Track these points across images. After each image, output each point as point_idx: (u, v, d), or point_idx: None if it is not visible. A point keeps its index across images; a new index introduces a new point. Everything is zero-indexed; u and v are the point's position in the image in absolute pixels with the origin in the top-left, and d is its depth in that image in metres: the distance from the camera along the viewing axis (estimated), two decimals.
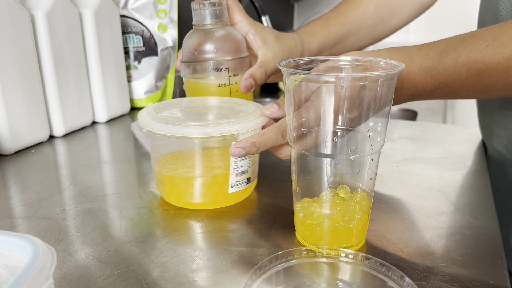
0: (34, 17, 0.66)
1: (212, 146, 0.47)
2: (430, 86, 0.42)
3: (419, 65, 0.42)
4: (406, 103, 1.22)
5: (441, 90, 0.43)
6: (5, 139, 0.63)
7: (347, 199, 0.39)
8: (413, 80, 0.43)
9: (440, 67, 0.41)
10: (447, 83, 0.42)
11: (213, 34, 0.56)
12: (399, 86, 0.44)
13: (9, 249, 0.25)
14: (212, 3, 0.56)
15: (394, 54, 0.44)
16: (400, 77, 0.43)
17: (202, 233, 0.43)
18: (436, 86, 0.42)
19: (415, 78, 0.42)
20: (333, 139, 0.37)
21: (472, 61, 0.40)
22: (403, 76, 0.43)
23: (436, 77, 0.42)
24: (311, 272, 0.34)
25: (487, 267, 0.37)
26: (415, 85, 0.43)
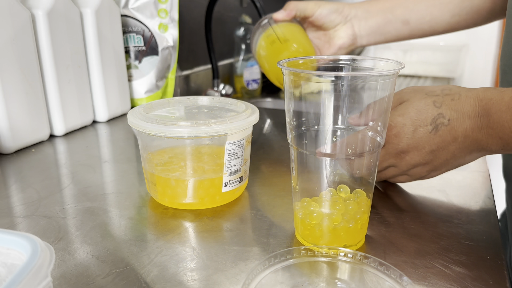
0: (34, 16, 0.66)
1: (205, 146, 0.47)
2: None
3: (507, 102, 0.40)
4: None
5: None
6: (6, 138, 0.63)
7: (346, 198, 0.39)
8: (500, 120, 0.41)
9: None
10: None
11: None
12: (486, 128, 0.42)
13: (8, 247, 0.25)
14: None
15: (487, 91, 0.43)
16: (487, 117, 0.42)
17: (201, 232, 0.43)
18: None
19: (503, 117, 0.40)
20: (333, 138, 0.37)
21: None
22: (490, 113, 0.41)
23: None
24: (310, 271, 0.34)
25: (487, 267, 0.37)
26: (501, 125, 0.41)
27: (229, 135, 0.45)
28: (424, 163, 0.46)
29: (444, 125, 0.43)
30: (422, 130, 0.44)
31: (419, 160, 0.46)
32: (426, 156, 0.45)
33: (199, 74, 1.14)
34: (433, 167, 0.46)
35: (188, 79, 1.11)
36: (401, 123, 0.44)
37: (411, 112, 0.44)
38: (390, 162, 0.46)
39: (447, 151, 0.45)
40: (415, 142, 0.44)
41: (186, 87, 1.10)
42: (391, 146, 0.45)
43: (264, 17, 0.70)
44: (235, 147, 0.46)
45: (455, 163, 0.46)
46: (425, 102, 0.44)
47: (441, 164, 0.46)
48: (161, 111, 0.51)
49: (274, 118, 0.86)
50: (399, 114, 0.45)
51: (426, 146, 0.44)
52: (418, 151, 0.45)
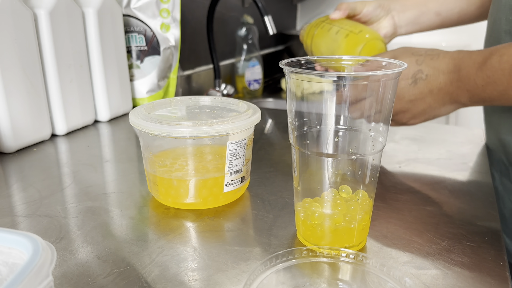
0: (37, 16, 0.66)
1: (206, 146, 0.47)
2: (481, 80, 0.49)
3: (473, 60, 0.50)
4: None
5: (491, 87, 0.49)
6: (7, 137, 0.63)
7: (348, 199, 0.38)
8: (468, 74, 0.50)
9: (488, 63, 0.48)
10: (494, 79, 0.48)
11: None
12: (456, 81, 0.51)
13: (9, 246, 0.25)
14: None
15: (461, 52, 0.52)
16: (458, 72, 0.51)
17: (202, 232, 0.43)
18: (486, 81, 0.49)
19: (470, 72, 0.50)
20: (335, 138, 0.37)
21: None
22: (461, 69, 0.51)
23: (485, 71, 0.48)
24: (311, 272, 0.34)
25: (488, 268, 0.37)
26: (468, 79, 0.50)
27: (230, 135, 0.45)
28: (404, 111, 0.56)
29: (422, 79, 0.53)
30: (403, 82, 0.54)
31: (400, 108, 0.55)
32: (406, 104, 0.55)
33: (201, 74, 1.14)
34: (412, 115, 0.56)
35: (190, 79, 1.10)
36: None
37: None
38: (377, 109, 0.53)
39: (423, 102, 0.54)
40: (397, 92, 0.54)
41: (187, 87, 1.10)
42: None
43: (313, 21, 0.77)
44: (237, 147, 0.46)
45: (432, 113, 0.55)
46: (409, 60, 0.54)
47: (419, 112, 0.55)
48: (163, 111, 0.51)
49: (276, 118, 0.86)
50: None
51: (406, 96, 0.54)
52: (399, 100, 0.55)
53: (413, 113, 0.55)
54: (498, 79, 0.48)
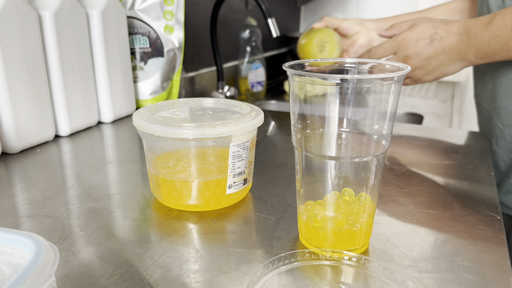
0: (41, 17, 0.67)
1: (209, 148, 0.47)
2: (487, 36, 0.61)
3: (481, 21, 0.63)
4: (412, 107, 1.21)
5: (495, 41, 0.61)
6: (11, 138, 0.63)
7: (351, 202, 0.38)
8: (476, 32, 0.63)
9: (493, 21, 0.61)
10: (498, 33, 0.60)
11: None
12: (466, 40, 0.64)
13: (12, 246, 0.25)
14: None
15: (470, 18, 0.73)
16: (467, 33, 0.64)
17: (205, 234, 0.43)
18: (491, 36, 0.61)
19: (478, 30, 0.63)
20: (338, 141, 0.37)
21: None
22: (470, 29, 0.64)
23: (490, 28, 0.61)
24: (313, 274, 0.34)
25: (492, 272, 0.36)
26: (476, 36, 0.63)
27: (233, 137, 0.45)
28: (421, 67, 0.69)
29: (437, 40, 0.66)
30: (422, 42, 0.68)
31: (418, 63, 0.69)
32: (423, 61, 0.68)
33: (204, 76, 1.15)
34: (426, 71, 0.69)
35: (193, 81, 1.11)
36: (409, 37, 0.69)
37: (416, 30, 0.68)
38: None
39: (437, 59, 0.67)
40: (416, 50, 0.68)
41: (191, 89, 1.10)
42: (401, 52, 0.70)
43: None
44: (240, 149, 0.46)
45: (443, 70, 0.69)
46: (427, 25, 0.68)
47: (433, 69, 0.69)
48: (166, 113, 0.51)
49: (279, 121, 0.86)
50: (409, 31, 0.69)
51: (423, 54, 0.68)
52: (417, 57, 0.68)
53: (428, 69, 0.68)
54: (501, 33, 0.60)
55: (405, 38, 0.68)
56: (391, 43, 0.71)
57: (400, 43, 0.69)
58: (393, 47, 0.70)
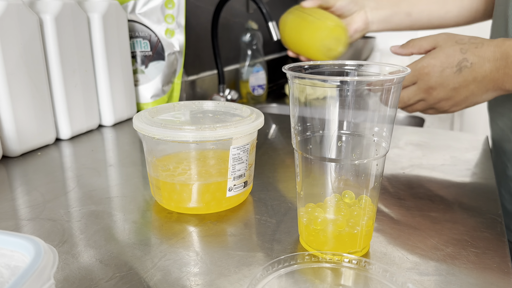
0: (42, 21, 0.67)
1: (209, 150, 0.47)
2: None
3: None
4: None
5: None
6: (12, 141, 0.63)
7: (351, 204, 0.38)
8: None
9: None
10: None
11: None
12: (503, 68, 0.53)
13: (12, 249, 0.25)
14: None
15: (506, 40, 0.54)
16: (506, 59, 0.53)
17: (204, 237, 0.42)
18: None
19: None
20: (338, 143, 0.37)
21: None
22: (509, 56, 0.52)
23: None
24: (314, 277, 0.34)
25: (493, 275, 0.36)
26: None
27: (234, 140, 0.45)
28: (447, 98, 0.58)
29: (467, 68, 0.55)
30: (448, 70, 0.56)
31: (443, 95, 0.57)
32: (449, 92, 0.57)
33: (205, 79, 1.15)
34: (454, 102, 0.58)
35: (194, 84, 1.11)
36: (432, 64, 0.56)
37: (441, 56, 0.56)
38: (420, 97, 0.58)
39: (467, 89, 0.56)
40: (441, 80, 0.56)
41: (192, 92, 1.10)
42: (423, 82, 0.57)
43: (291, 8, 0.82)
44: (240, 152, 0.46)
45: (473, 100, 0.57)
46: (453, 48, 0.56)
47: (462, 100, 0.57)
48: (166, 116, 0.51)
49: (280, 124, 0.86)
50: (431, 57, 0.57)
51: (450, 84, 0.56)
52: (443, 88, 0.57)
53: (456, 101, 0.58)
54: None
55: (427, 65, 0.56)
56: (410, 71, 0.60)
57: (421, 71, 0.57)
58: (412, 76, 0.58)
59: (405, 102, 0.60)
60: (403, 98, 0.60)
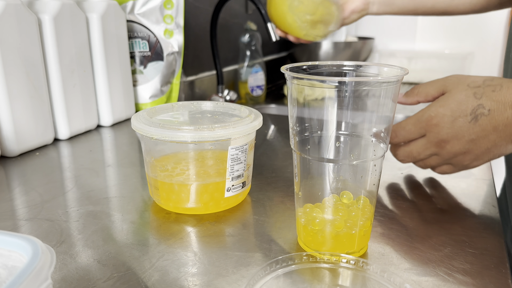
0: (41, 21, 0.67)
1: (208, 151, 0.47)
2: None
3: None
4: (412, 111, 1.21)
5: None
6: (10, 141, 0.63)
7: (349, 205, 0.38)
8: None
9: None
10: None
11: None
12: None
13: (9, 249, 0.25)
14: None
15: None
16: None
17: (203, 237, 0.42)
18: None
19: None
20: (336, 144, 0.37)
21: None
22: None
23: None
24: (311, 277, 0.34)
25: (491, 275, 0.36)
26: None
27: (232, 140, 0.45)
28: (464, 152, 0.48)
29: (484, 115, 0.45)
30: (461, 120, 0.46)
31: (459, 149, 0.48)
32: (466, 145, 0.47)
33: (204, 80, 1.15)
34: (474, 156, 0.48)
35: (193, 85, 1.11)
36: (441, 113, 0.47)
37: (451, 104, 0.47)
38: (432, 151, 0.49)
39: (487, 140, 0.46)
40: (454, 132, 0.47)
41: (190, 93, 1.10)
42: (432, 135, 0.48)
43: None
44: (238, 152, 0.46)
45: (497, 152, 0.47)
46: (466, 93, 0.46)
47: (483, 152, 0.47)
48: (165, 116, 0.51)
49: (278, 124, 0.86)
50: (440, 105, 0.48)
51: (466, 135, 0.47)
52: (458, 140, 0.47)
53: (476, 154, 0.48)
54: None
55: (435, 115, 0.47)
56: (416, 123, 0.49)
57: (428, 123, 0.48)
58: (420, 128, 0.49)
59: (415, 157, 0.51)
60: (411, 152, 0.51)
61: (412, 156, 0.51)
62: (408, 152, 0.51)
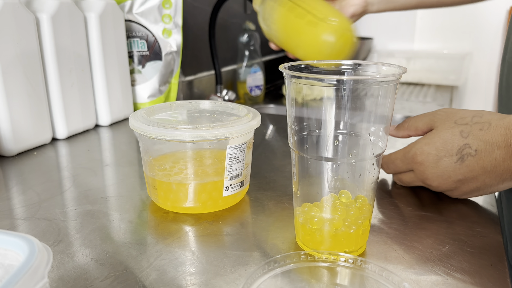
0: (39, 20, 0.67)
1: (206, 150, 0.47)
2: None
3: None
4: (410, 111, 1.21)
5: None
6: (8, 140, 0.63)
7: (348, 204, 0.38)
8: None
9: None
10: None
11: None
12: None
13: (5, 247, 0.25)
14: None
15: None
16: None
17: (200, 237, 0.42)
18: None
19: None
20: (334, 143, 0.37)
21: None
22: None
23: None
24: (309, 276, 0.34)
25: (489, 274, 0.36)
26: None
27: (230, 139, 0.45)
28: (452, 189, 0.47)
29: (471, 155, 0.43)
30: (446, 160, 0.44)
31: (446, 187, 0.47)
32: (453, 184, 0.46)
33: (202, 79, 1.15)
34: (462, 192, 0.47)
35: (191, 85, 1.11)
36: (426, 152, 0.46)
37: (436, 142, 0.45)
38: (419, 184, 0.50)
39: (476, 180, 0.44)
40: (439, 172, 0.45)
41: (189, 93, 1.10)
42: (418, 172, 0.48)
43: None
44: (237, 151, 0.46)
45: (489, 190, 0.46)
46: (452, 131, 0.45)
47: (472, 190, 0.46)
48: (163, 115, 0.51)
49: (277, 124, 0.86)
50: (425, 143, 0.46)
51: (452, 176, 0.45)
52: (444, 180, 0.46)
53: (464, 191, 0.46)
54: None
55: (420, 153, 0.46)
56: (403, 159, 0.49)
57: (414, 160, 0.47)
58: (407, 164, 0.49)
59: (408, 183, 0.52)
60: (402, 180, 0.52)
61: (404, 183, 0.52)
62: (399, 179, 0.52)
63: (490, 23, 1.72)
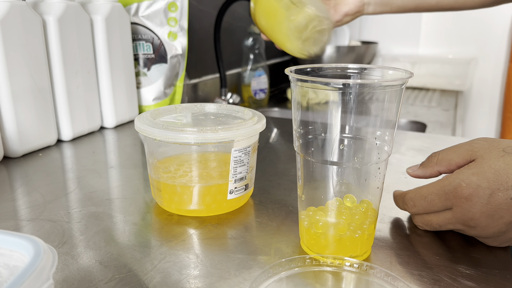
0: (46, 22, 0.67)
1: (211, 153, 0.47)
2: None
3: None
4: (415, 115, 1.21)
5: None
6: (13, 142, 0.63)
7: (353, 208, 0.38)
8: None
9: None
10: None
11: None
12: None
13: (11, 249, 0.25)
14: None
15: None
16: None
17: (205, 240, 0.42)
18: None
19: None
20: (340, 147, 0.37)
21: None
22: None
23: None
24: (314, 281, 0.34)
25: (496, 281, 0.36)
26: None
27: (235, 142, 0.45)
28: (500, 233, 0.38)
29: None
30: (501, 195, 0.36)
31: (493, 232, 0.38)
32: (504, 226, 0.37)
33: (207, 82, 1.15)
34: (509, 238, 0.39)
35: (196, 88, 1.11)
36: (475, 183, 0.37)
37: (487, 172, 0.37)
38: (458, 228, 0.40)
39: None
40: (491, 210, 0.37)
41: (194, 95, 1.10)
42: (460, 210, 0.38)
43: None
44: (241, 154, 0.46)
45: None
46: (504, 161, 0.37)
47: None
48: (168, 117, 0.51)
49: (281, 127, 0.86)
50: (473, 173, 0.38)
51: (506, 216, 0.37)
52: (493, 221, 0.37)
53: (510, 237, 0.39)
54: None
55: (467, 186, 0.37)
56: (440, 194, 0.39)
57: (457, 195, 0.38)
58: (446, 200, 0.39)
59: (435, 228, 0.42)
60: (431, 223, 0.42)
61: (431, 226, 0.42)
62: (427, 221, 0.42)
63: (496, 28, 1.72)
